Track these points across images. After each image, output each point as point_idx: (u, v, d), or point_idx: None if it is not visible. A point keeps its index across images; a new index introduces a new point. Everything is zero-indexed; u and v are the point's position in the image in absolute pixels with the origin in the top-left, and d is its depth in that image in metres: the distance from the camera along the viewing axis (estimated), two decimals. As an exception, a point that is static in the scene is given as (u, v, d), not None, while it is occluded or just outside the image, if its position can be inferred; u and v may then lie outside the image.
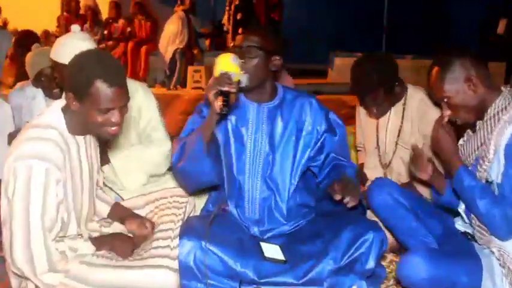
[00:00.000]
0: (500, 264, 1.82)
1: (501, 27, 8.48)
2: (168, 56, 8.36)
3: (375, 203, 2.30)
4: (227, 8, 8.95)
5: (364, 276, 2.04)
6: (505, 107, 1.88)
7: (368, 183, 2.74)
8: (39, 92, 2.95)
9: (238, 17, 8.65)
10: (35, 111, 2.94)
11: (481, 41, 8.76)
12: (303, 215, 2.25)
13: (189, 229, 2.01)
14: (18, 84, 3.22)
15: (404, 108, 2.67)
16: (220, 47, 10.01)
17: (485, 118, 1.92)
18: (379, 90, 2.57)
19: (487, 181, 1.88)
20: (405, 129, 2.66)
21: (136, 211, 2.22)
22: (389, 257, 2.41)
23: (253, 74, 2.06)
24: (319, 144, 2.22)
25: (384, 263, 2.32)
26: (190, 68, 8.54)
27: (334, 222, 2.13)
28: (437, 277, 1.78)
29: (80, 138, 1.90)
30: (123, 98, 1.77)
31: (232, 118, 2.18)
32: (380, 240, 2.06)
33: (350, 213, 2.17)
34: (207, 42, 10.20)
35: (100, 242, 1.94)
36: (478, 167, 1.91)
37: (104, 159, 2.60)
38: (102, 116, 1.76)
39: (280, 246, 2.10)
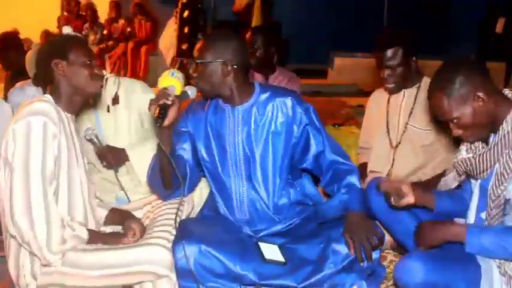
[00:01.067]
0: (500, 272, 1.79)
1: (499, 26, 8.49)
2: (169, 58, 8.36)
3: (373, 203, 2.28)
4: (175, 6, 8.75)
5: (364, 275, 2.04)
6: None
7: (368, 178, 2.75)
8: (38, 91, 2.96)
9: (185, 15, 8.52)
10: None
11: (481, 41, 8.76)
12: (298, 212, 2.24)
13: (187, 232, 2.00)
14: (18, 84, 3.22)
15: (417, 92, 2.72)
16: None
17: (500, 133, 1.81)
18: (398, 49, 2.61)
19: (505, 199, 1.81)
20: (417, 111, 2.71)
21: (135, 212, 2.22)
22: (389, 257, 2.41)
23: (204, 81, 2.11)
24: (302, 141, 2.20)
25: (384, 263, 2.32)
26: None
27: (334, 224, 2.13)
28: (434, 282, 1.75)
29: (68, 115, 1.97)
30: (93, 53, 2.07)
31: (212, 122, 2.20)
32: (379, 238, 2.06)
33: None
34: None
35: (94, 236, 1.94)
36: (497, 184, 1.82)
37: (122, 158, 2.61)
38: (86, 68, 1.96)
39: (278, 246, 2.10)
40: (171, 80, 2.03)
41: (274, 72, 3.44)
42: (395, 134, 2.78)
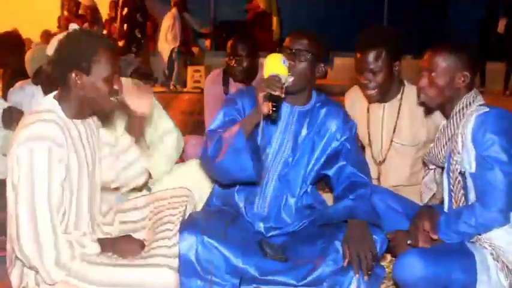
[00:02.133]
0: (493, 258, 1.84)
1: (501, 26, 8.49)
2: (165, 55, 8.37)
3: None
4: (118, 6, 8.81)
5: (363, 275, 2.04)
6: (470, 103, 1.94)
7: None
8: (38, 90, 2.96)
9: (124, 12, 8.51)
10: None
11: (481, 41, 8.76)
12: (307, 215, 2.25)
13: (190, 223, 2.01)
14: (18, 83, 3.22)
15: (400, 104, 2.56)
16: (220, 47, 10.03)
17: (451, 114, 1.97)
18: (381, 51, 2.40)
19: (460, 172, 1.92)
20: (401, 126, 2.56)
21: (136, 212, 2.23)
22: (389, 257, 2.41)
23: (299, 77, 2.09)
24: (335, 152, 2.23)
25: (384, 263, 2.32)
26: (190, 68, 8.54)
27: (335, 223, 2.13)
28: (433, 275, 1.78)
29: (78, 122, 1.89)
30: (118, 63, 1.88)
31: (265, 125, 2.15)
32: (379, 241, 2.06)
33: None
34: (208, 42, 10.22)
35: (103, 244, 1.93)
36: (451, 160, 1.95)
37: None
38: (106, 84, 1.81)
39: (281, 246, 2.10)
40: (282, 68, 1.91)
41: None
42: (379, 149, 2.63)
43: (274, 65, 1.92)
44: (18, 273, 1.88)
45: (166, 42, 8.37)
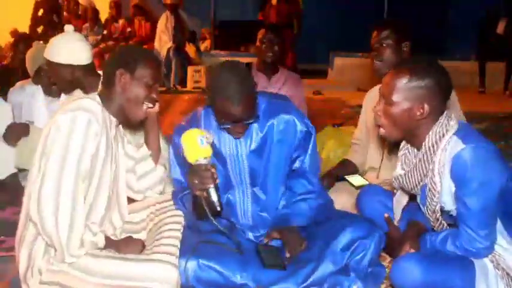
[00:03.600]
0: (494, 266, 1.80)
1: (500, 27, 8.48)
2: (162, 55, 8.39)
3: (366, 211, 2.31)
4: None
5: (364, 275, 2.04)
6: (442, 135, 1.79)
7: (368, 175, 2.77)
8: (38, 90, 2.97)
9: (40, 13, 8.47)
10: (35, 109, 2.95)
11: (481, 41, 8.76)
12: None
13: (185, 249, 1.97)
14: (19, 83, 3.23)
15: None
16: (220, 47, 10.05)
17: (423, 149, 1.83)
18: (387, 29, 2.64)
19: (441, 211, 1.86)
20: None
21: (135, 214, 2.22)
22: (389, 257, 2.40)
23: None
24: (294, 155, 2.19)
25: (384, 263, 2.32)
26: (190, 68, 8.55)
27: (331, 224, 2.13)
28: (430, 281, 1.75)
29: (113, 119, 1.98)
30: (160, 77, 2.06)
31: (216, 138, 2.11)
32: (378, 239, 2.06)
33: (345, 215, 2.21)
34: (207, 42, 10.22)
35: (107, 242, 1.93)
36: (429, 200, 1.86)
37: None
38: (146, 89, 1.95)
39: (277, 249, 2.09)
40: (204, 151, 1.85)
41: (276, 73, 3.44)
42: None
43: (193, 150, 1.85)
44: (27, 254, 1.88)
45: (161, 43, 8.40)
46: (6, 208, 2.84)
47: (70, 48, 2.55)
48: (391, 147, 2.43)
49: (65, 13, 9.24)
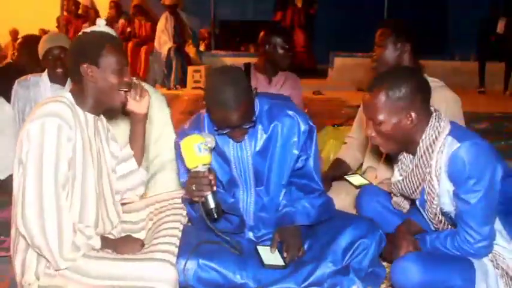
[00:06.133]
0: (493, 266, 1.81)
1: (500, 26, 8.49)
2: (162, 55, 8.39)
3: (365, 211, 2.31)
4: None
5: (364, 275, 2.05)
6: (436, 137, 1.80)
7: (368, 174, 2.77)
8: (42, 79, 2.96)
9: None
10: (38, 97, 2.95)
11: (481, 41, 8.76)
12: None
13: (185, 248, 1.97)
14: (23, 76, 3.22)
15: None
16: (220, 47, 10.05)
17: (418, 153, 1.85)
18: (386, 29, 2.64)
19: (442, 213, 1.87)
20: None
21: (135, 213, 2.22)
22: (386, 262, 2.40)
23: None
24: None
25: (383, 263, 2.32)
26: (190, 68, 8.55)
27: (331, 224, 2.13)
28: (430, 281, 1.75)
29: (90, 116, 1.93)
30: (126, 57, 1.98)
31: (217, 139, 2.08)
32: (377, 239, 2.07)
33: (345, 215, 2.21)
34: (207, 41, 10.22)
35: (104, 241, 1.92)
36: (428, 203, 1.88)
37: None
38: (116, 77, 1.89)
39: (278, 250, 2.09)
40: (202, 158, 1.85)
41: (277, 74, 3.43)
42: None
43: (191, 157, 1.86)
44: (21, 260, 1.87)
45: (161, 43, 8.39)
46: (6, 208, 2.84)
47: None
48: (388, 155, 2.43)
49: (64, 13, 9.22)
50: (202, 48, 9.86)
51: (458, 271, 1.79)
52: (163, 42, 8.39)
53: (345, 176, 2.74)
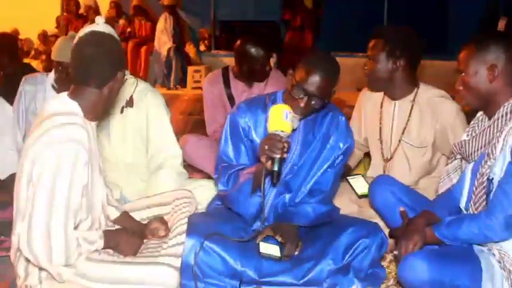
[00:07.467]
0: (500, 267, 1.80)
1: (501, 26, 8.48)
2: (162, 55, 8.39)
3: (377, 201, 2.30)
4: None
5: (364, 275, 2.05)
6: None
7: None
8: (48, 79, 2.96)
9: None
10: (41, 95, 2.95)
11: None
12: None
13: (192, 228, 2.01)
14: (31, 74, 3.22)
15: (413, 105, 2.59)
16: (220, 47, 10.04)
17: (495, 116, 1.88)
18: (379, 42, 2.53)
19: (488, 178, 1.86)
20: (411, 127, 2.60)
21: (136, 212, 2.22)
22: (389, 257, 2.41)
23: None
24: (334, 160, 2.22)
25: (383, 263, 2.32)
26: (190, 68, 8.55)
27: (334, 224, 2.14)
28: (439, 279, 1.75)
29: (93, 124, 1.91)
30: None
31: None
32: (379, 242, 2.07)
33: (349, 217, 2.22)
34: (207, 42, 10.22)
35: (107, 237, 1.91)
36: (483, 163, 1.88)
37: None
38: (121, 81, 1.91)
39: (280, 247, 2.10)
40: (284, 125, 1.91)
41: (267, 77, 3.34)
42: (389, 146, 2.68)
43: (275, 121, 1.92)
44: (23, 266, 1.87)
45: (161, 43, 8.39)
46: (6, 208, 2.84)
47: None
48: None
49: (64, 13, 9.22)
50: (202, 48, 9.86)
51: (466, 270, 1.78)
52: (163, 42, 8.39)
53: (347, 178, 2.69)
